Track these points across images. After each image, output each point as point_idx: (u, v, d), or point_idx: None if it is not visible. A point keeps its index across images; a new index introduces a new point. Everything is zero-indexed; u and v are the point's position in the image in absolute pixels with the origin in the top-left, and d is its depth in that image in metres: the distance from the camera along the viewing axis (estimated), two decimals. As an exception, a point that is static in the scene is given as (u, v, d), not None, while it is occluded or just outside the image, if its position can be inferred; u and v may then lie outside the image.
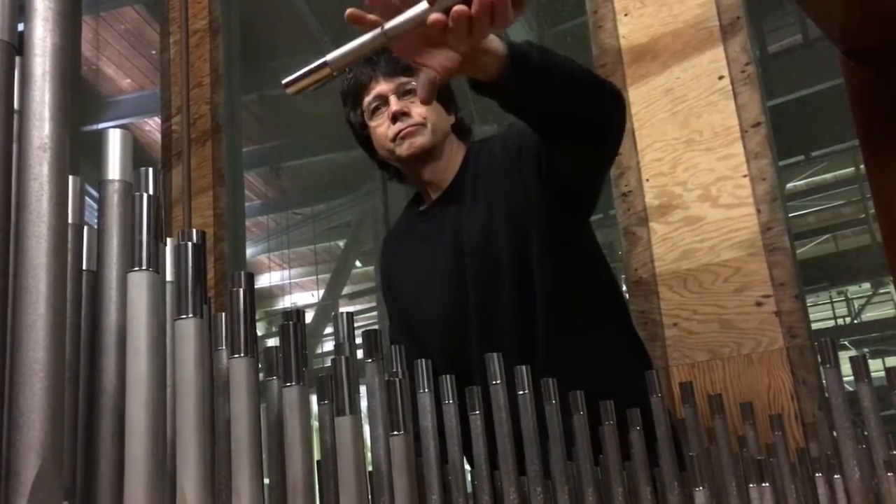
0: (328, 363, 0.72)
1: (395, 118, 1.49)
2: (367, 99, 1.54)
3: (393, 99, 1.50)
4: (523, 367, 0.91)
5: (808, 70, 5.75)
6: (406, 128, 1.49)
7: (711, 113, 1.93)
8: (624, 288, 2.53)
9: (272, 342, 0.73)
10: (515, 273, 1.41)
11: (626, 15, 2.12)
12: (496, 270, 1.42)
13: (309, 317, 8.19)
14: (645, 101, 2.04)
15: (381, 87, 1.51)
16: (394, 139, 1.50)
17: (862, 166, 6.81)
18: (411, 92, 1.49)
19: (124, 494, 0.48)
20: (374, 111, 1.53)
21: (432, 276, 1.51)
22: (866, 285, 9.73)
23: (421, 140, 1.49)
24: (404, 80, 1.49)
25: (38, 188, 0.46)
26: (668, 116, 2.00)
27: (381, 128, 1.52)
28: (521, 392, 0.90)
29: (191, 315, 0.55)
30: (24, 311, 0.44)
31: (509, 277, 1.41)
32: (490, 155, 1.50)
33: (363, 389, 0.77)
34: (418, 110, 1.50)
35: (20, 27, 0.49)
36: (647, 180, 1.99)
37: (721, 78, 1.93)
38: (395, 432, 0.76)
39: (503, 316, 1.41)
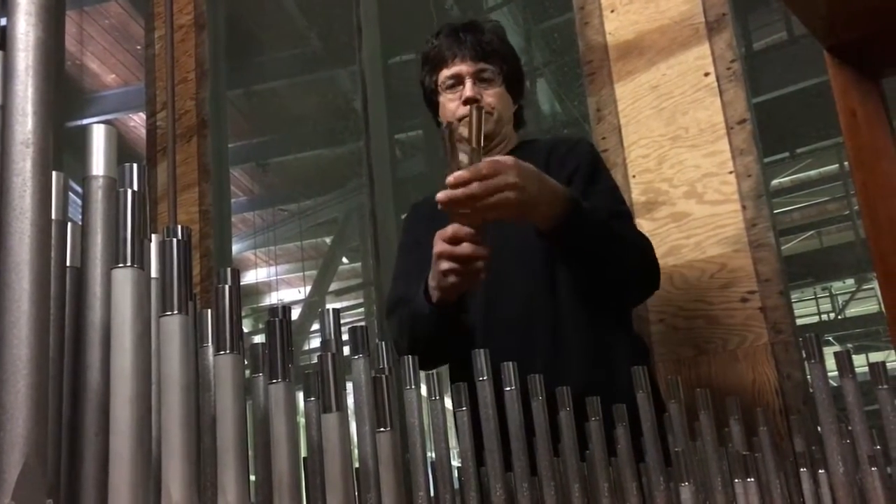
0: (315, 360, 0.72)
1: (466, 102, 1.54)
2: (445, 73, 1.59)
3: (469, 83, 1.55)
4: (510, 363, 0.91)
5: (793, 67, 5.78)
6: None
7: (697, 110, 1.94)
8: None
9: (258, 339, 0.73)
10: (543, 268, 1.47)
11: (612, 11, 2.12)
12: (522, 262, 1.47)
13: (295, 313, 8.17)
14: (631, 97, 2.04)
15: (461, 67, 1.57)
16: (460, 120, 1.54)
17: (846, 163, 6.86)
18: (487, 80, 1.57)
19: (109, 491, 0.47)
20: (449, 87, 1.59)
21: None
22: (850, 281, 9.79)
23: (486, 128, 1.53)
24: (484, 66, 1.56)
25: (20, 184, 0.45)
26: (654, 113, 2.00)
27: (452, 104, 1.58)
28: (507, 388, 0.90)
29: (176, 312, 0.55)
30: (8, 308, 0.44)
31: (538, 269, 1.47)
32: (536, 163, 1.52)
33: (350, 386, 0.77)
34: (489, 99, 1.56)
35: (2, 21, 0.48)
36: (634, 177, 2.00)
37: (707, 75, 1.94)
38: (382, 429, 0.76)
39: (524, 303, 1.47)
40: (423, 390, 0.92)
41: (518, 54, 1.68)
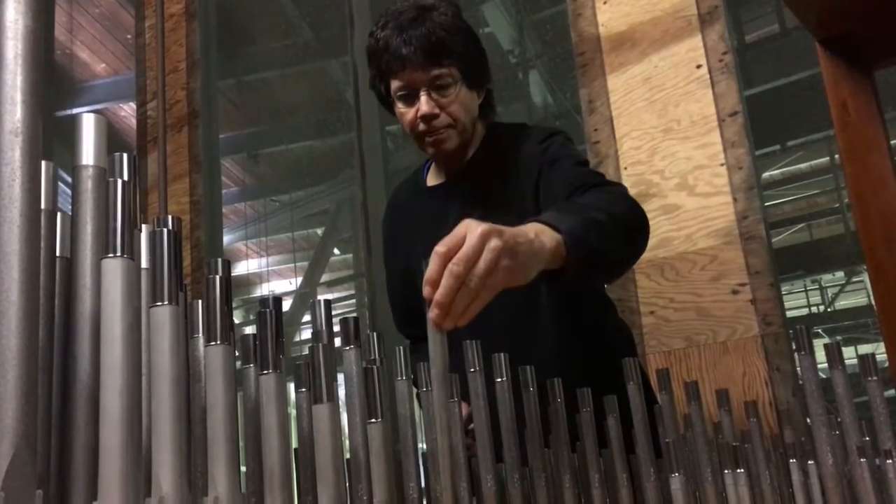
0: (306, 351, 0.72)
1: (424, 119, 1.41)
2: (396, 84, 1.43)
3: (424, 98, 1.41)
4: (501, 354, 0.91)
5: (785, 59, 5.79)
6: (436, 132, 1.43)
7: (689, 102, 1.94)
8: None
9: (249, 330, 0.73)
10: None
11: (605, 3, 2.12)
12: None
13: (287, 304, 8.16)
14: (623, 89, 2.04)
15: (414, 76, 1.40)
16: (421, 136, 1.44)
17: (837, 156, 6.87)
18: (444, 86, 1.41)
19: (99, 482, 0.47)
20: (402, 98, 1.44)
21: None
22: (840, 274, 9.83)
23: (450, 144, 1.44)
24: (437, 72, 1.40)
25: (10, 173, 0.45)
26: (646, 105, 2.00)
27: (409, 116, 1.43)
28: (498, 380, 0.90)
29: (166, 302, 0.55)
30: (-4, 297, 0.44)
31: None
32: (508, 155, 1.46)
33: (341, 377, 0.77)
34: (450, 109, 1.42)
35: (-9, 9, 0.48)
36: (625, 168, 2.00)
37: (699, 67, 1.94)
38: (373, 420, 0.76)
39: (508, 311, 1.41)
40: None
41: (475, 33, 1.49)
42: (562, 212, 1.10)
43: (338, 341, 0.79)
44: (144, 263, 0.61)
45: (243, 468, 0.65)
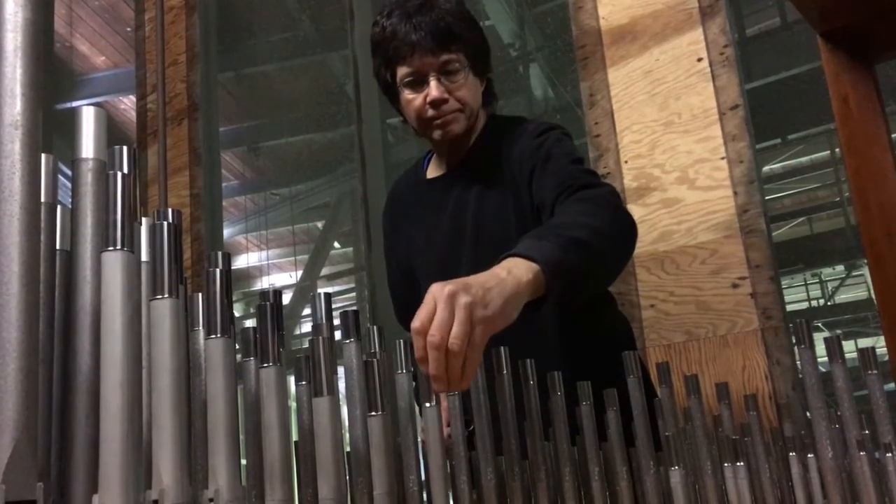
0: (306, 344, 0.72)
1: (433, 104, 1.42)
2: (404, 70, 1.43)
3: (433, 83, 1.41)
4: (501, 348, 0.91)
5: (786, 53, 5.78)
6: (444, 116, 1.43)
7: (690, 95, 1.94)
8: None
9: (250, 323, 0.73)
10: None
11: (605, -4, 2.12)
12: (498, 250, 1.41)
13: (287, 298, 8.16)
14: (624, 82, 2.04)
15: (422, 61, 1.41)
16: (428, 122, 1.45)
17: (838, 149, 6.87)
18: (452, 72, 1.42)
19: (99, 475, 0.47)
20: (409, 84, 1.44)
21: (430, 248, 1.51)
22: (840, 267, 9.83)
23: (458, 127, 1.45)
24: (446, 57, 1.41)
25: (10, 166, 0.45)
26: (646, 98, 2.00)
27: (416, 102, 1.43)
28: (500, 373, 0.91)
29: (166, 295, 0.55)
30: (-3, 290, 0.44)
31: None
32: (506, 148, 1.46)
33: (341, 370, 0.77)
34: (458, 93, 1.43)
35: (-10, 1, 0.48)
36: (626, 162, 2.00)
37: (700, 60, 1.94)
38: (373, 413, 0.76)
39: None
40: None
41: (477, 21, 1.50)
42: (538, 238, 1.09)
43: (338, 334, 0.79)
44: (144, 256, 0.61)
45: (243, 461, 0.65)
